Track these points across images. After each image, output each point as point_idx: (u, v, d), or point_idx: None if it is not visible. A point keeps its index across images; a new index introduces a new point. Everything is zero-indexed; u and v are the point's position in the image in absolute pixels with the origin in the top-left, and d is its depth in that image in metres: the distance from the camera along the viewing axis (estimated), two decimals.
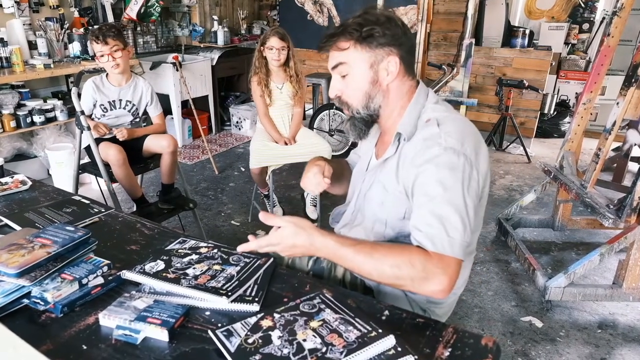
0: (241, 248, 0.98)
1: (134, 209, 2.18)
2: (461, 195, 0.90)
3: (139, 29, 4.00)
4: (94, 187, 3.15)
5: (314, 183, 1.10)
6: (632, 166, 3.42)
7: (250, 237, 0.99)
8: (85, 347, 0.81)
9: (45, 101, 3.15)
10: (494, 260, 2.49)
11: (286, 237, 0.92)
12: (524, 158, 3.94)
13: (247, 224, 2.76)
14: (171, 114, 3.95)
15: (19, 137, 3.15)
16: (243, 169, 3.61)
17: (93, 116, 2.11)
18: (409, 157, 0.98)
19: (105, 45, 1.95)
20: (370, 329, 0.80)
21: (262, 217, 0.97)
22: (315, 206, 2.71)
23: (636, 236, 1.95)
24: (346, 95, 1.04)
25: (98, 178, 2.11)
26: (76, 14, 3.43)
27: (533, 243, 2.68)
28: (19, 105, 3.03)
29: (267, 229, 1.24)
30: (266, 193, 2.73)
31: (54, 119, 3.14)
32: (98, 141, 1.99)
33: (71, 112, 3.18)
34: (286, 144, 2.50)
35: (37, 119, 3.02)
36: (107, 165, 2.00)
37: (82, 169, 2.18)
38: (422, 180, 0.93)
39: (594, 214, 2.08)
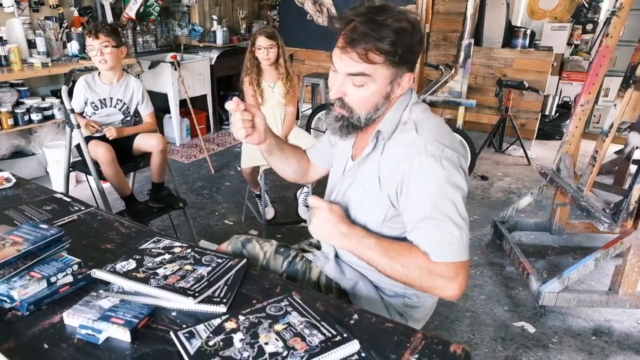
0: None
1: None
2: (450, 200, 0.91)
3: (138, 28, 4.01)
4: (90, 185, 3.16)
5: (236, 126, 1.10)
6: (634, 169, 3.36)
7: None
8: (47, 346, 0.80)
9: (43, 99, 3.17)
10: (488, 263, 2.45)
11: (321, 217, 0.96)
12: (524, 160, 3.89)
13: (240, 224, 2.75)
14: (169, 113, 3.95)
15: (17, 134, 3.17)
16: (239, 168, 3.60)
17: (84, 114, 2.11)
18: (391, 163, 0.96)
19: (96, 40, 1.96)
20: (335, 333, 0.79)
21: (311, 200, 1.00)
22: (307, 206, 2.70)
23: (632, 241, 1.91)
24: (352, 101, 0.97)
25: (89, 176, 2.11)
26: (76, 13, 3.44)
27: (529, 247, 2.64)
28: (18, 103, 3.05)
29: (259, 229, 1.24)
30: (258, 193, 2.71)
31: (52, 117, 3.15)
32: (87, 139, 1.99)
33: None
34: None
35: (35, 117, 3.04)
36: (96, 164, 2.00)
37: (72, 167, 2.17)
38: (409, 194, 0.94)
39: (589, 218, 2.04)
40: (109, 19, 3.56)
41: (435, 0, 3.89)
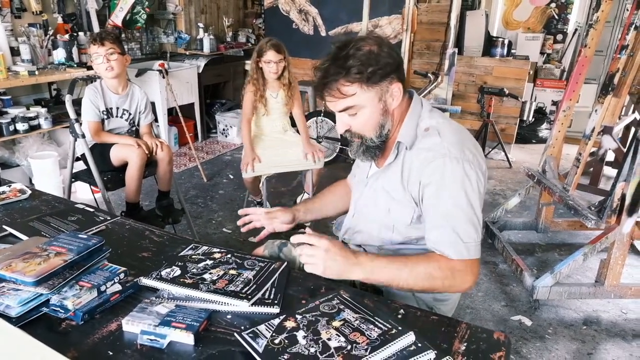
0: (296, 238, 1.01)
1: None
2: (468, 202, 0.98)
3: (123, 35, 3.96)
4: (79, 196, 3.09)
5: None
6: (607, 170, 3.59)
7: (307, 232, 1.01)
8: (111, 353, 0.81)
9: (28, 109, 3.08)
10: (482, 262, 2.57)
11: (323, 255, 0.97)
12: (506, 163, 4.08)
13: (239, 232, 2.74)
14: (157, 121, 3.91)
15: (0, 145, 3.06)
16: (232, 176, 3.61)
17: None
18: (415, 166, 1.03)
19: (102, 47, 1.95)
20: (390, 326, 0.84)
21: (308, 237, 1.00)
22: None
23: (617, 236, 2.06)
24: (357, 129, 1.05)
25: (92, 186, 2.08)
26: (60, 20, 3.37)
27: (518, 245, 2.78)
28: (1, 113, 2.95)
29: (258, 235, 1.31)
30: (259, 200, 2.74)
31: (38, 126, 3.06)
32: (110, 145, 1.98)
33: (55, 120, 3.12)
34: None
35: (21, 127, 2.95)
36: (102, 173, 1.98)
37: (74, 177, 2.14)
38: (432, 195, 1.00)
39: (576, 216, 2.18)
40: (95, 26, 3.51)
41: (418, 10, 4.03)
